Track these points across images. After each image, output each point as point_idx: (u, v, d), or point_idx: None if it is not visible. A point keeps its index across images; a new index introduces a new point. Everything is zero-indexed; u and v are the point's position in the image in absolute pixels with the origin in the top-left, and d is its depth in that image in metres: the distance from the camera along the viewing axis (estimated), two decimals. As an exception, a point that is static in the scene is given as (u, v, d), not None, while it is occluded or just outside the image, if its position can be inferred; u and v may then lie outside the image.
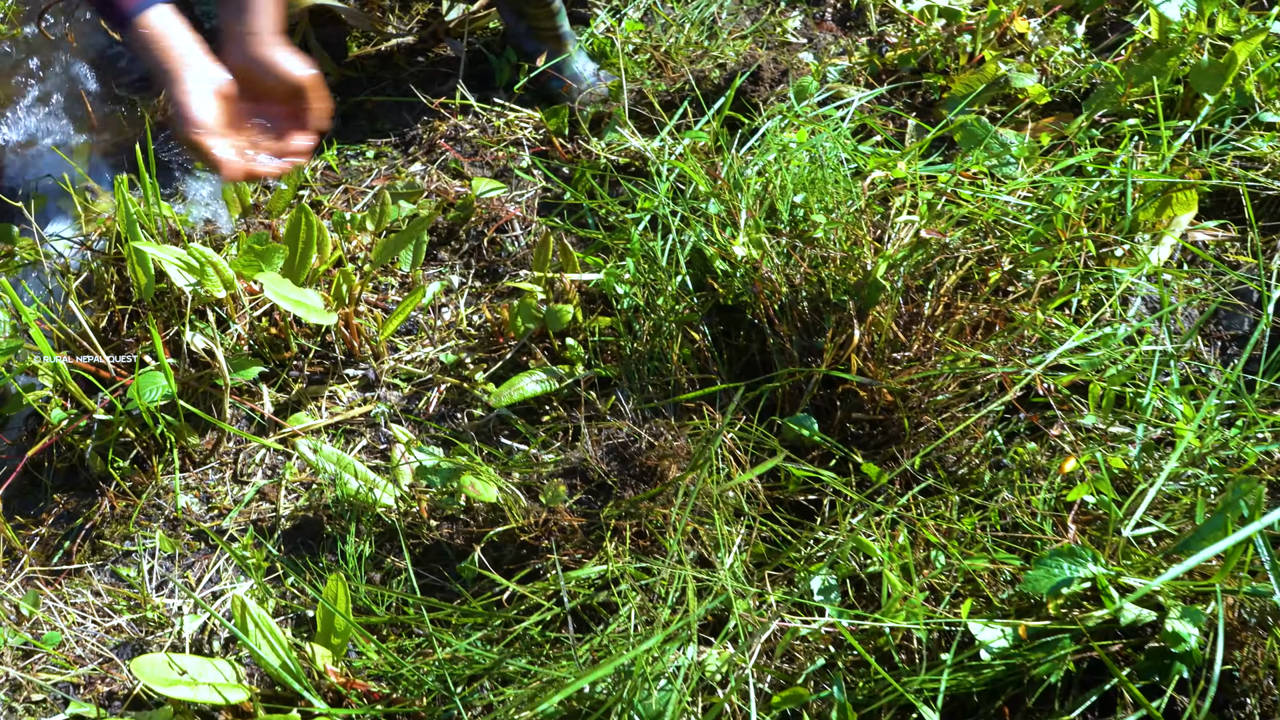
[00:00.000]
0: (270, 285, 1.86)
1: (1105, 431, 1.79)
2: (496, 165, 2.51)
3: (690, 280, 1.97)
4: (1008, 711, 1.52)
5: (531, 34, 2.66)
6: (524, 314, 2.03)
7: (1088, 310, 1.92)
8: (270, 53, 1.61)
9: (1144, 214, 1.94)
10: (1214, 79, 2.03)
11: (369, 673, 1.59)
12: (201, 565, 1.81)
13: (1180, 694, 1.51)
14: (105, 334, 2.05)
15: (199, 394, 1.98)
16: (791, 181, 2.02)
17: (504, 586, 1.64)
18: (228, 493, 1.91)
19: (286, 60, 1.61)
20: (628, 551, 1.62)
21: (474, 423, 1.98)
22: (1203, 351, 1.94)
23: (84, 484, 1.95)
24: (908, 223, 1.90)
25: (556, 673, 1.45)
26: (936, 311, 1.83)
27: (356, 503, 1.80)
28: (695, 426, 1.77)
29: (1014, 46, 2.57)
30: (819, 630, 1.59)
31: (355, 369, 2.08)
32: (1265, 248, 2.02)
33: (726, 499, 1.69)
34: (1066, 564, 1.50)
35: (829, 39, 2.82)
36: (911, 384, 1.79)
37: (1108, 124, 2.21)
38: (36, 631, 1.70)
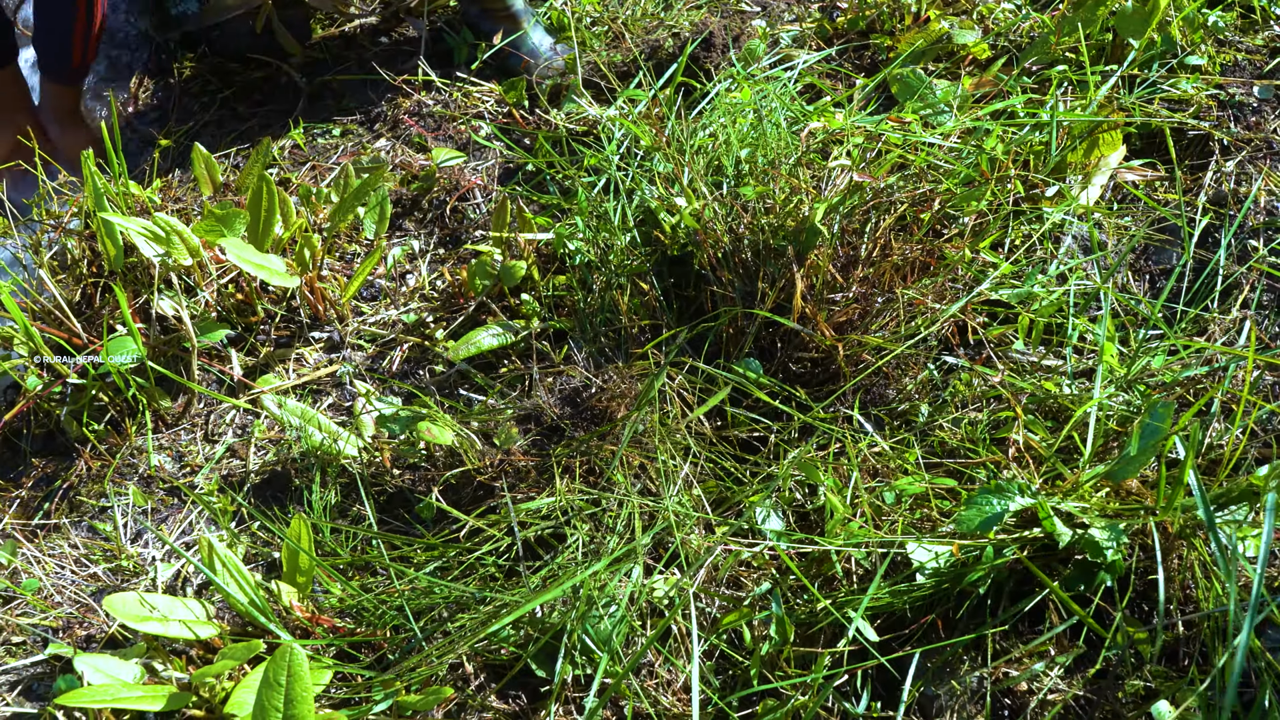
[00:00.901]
0: (233, 250, 1.93)
1: (1038, 363, 1.86)
2: (459, 138, 2.58)
3: (640, 235, 2.04)
4: (940, 624, 1.59)
5: (485, 15, 2.73)
6: (480, 272, 2.10)
7: (1021, 250, 2.00)
8: None
9: (1072, 155, 2.02)
10: (1139, 24, 2.11)
11: (334, 609, 1.66)
12: (175, 518, 1.89)
13: (1107, 603, 1.59)
14: (78, 306, 2.13)
15: (169, 357, 2.06)
16: (737, 138, 2.09)
17: (463, 523, 1.72)
18: (199, 451, 1.99)
19: None
20: (578, 487, 1.70)
21: (435, 378, 2.05)
22: (1133, 286, 2.01)
23: (61, 448, 2.02)
24: (843, 169, 1.97)
25: (509, 598, 1.53)
26: (873, 253, 1.91)
27: (321, 454, 1.87)
28: (643, 369, 1.84)
29: (958, 5, 2.64)
30: (763, 555, 1.67)
31: (320, 332, 2.15)
32: (1192, 185, 2.09)
33: (674, 437, 1.76)
34: (995, 499, 1.57)
35: (782, 6, 2.89)
36: (849, 324, 1.87)
37: (1041, 73, 2.28)
38: (15, 580, 1.78)
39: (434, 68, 2.73)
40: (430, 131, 2.60)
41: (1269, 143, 2.10)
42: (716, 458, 1.77)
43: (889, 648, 1.58)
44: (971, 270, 1.90)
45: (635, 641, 1.57)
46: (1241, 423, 1.73)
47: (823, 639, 1.60)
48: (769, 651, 1.55)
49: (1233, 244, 1.99)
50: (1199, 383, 1.78)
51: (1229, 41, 2.27)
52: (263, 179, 2.03)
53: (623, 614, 1.53)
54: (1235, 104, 2.16)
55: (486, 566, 1.65)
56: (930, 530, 1.65)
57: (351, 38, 2.94)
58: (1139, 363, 1.78)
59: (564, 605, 1.56)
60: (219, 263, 2.13)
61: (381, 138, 2.65)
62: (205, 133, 2.76)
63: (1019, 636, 1.59)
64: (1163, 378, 1.77)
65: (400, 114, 2.66)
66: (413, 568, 1.66)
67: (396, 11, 2.94)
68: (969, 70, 2.43)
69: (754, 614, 1.59)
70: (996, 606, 1.59)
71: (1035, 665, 1.55)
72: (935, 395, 1.86)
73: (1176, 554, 1.60)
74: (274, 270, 1.97)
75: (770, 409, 1.83)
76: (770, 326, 1.88)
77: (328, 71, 2.86)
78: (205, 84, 2.87)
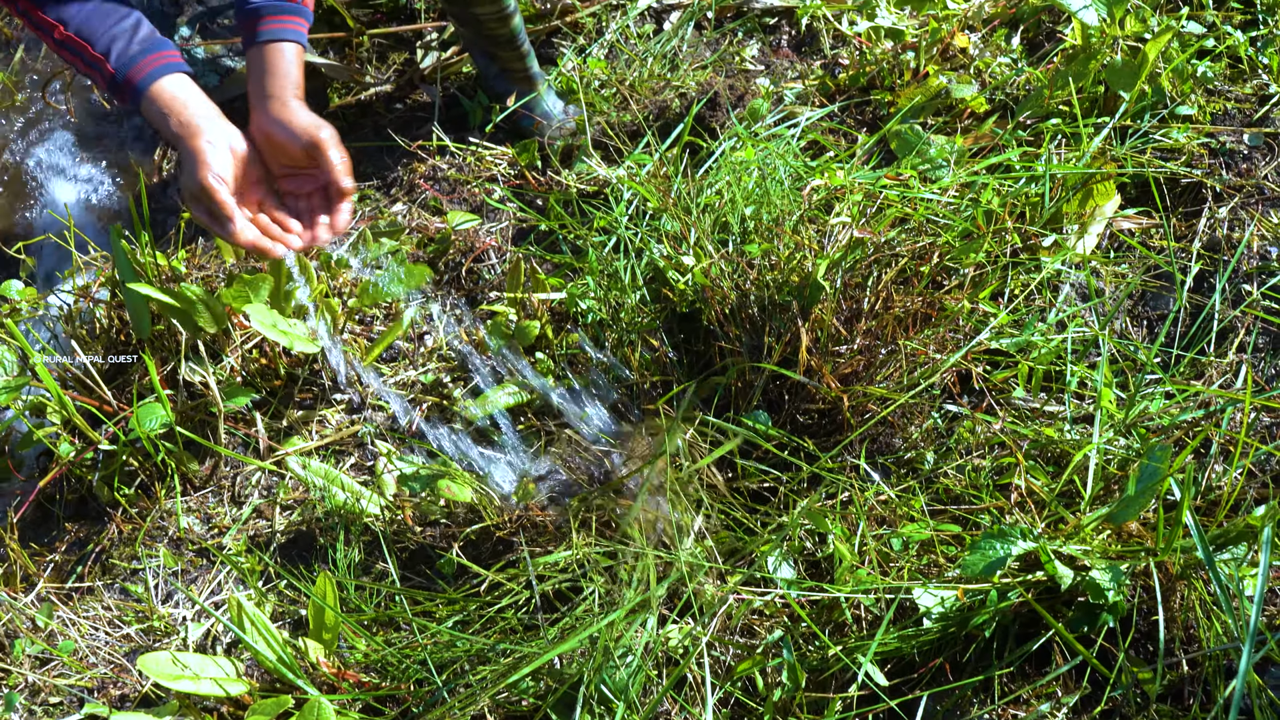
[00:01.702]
0: (256, 316, 2.00)
1: (1039, 409, 1.91)
2: (473, 200, 2.66)
3: (649, 293, 2.11)
4: (948, 667, 1.64)
5: (503, 76, 2.81)
6: (495, 332, 2.17)
7: (1020, 300, 2.05)
8: (287, 112, 1.74)
9: (1068, 206, 2.08)
10: (1128, 77, 2.17)
11: (359, 664, 1.72)
12: (204, 579, 1.95)
13: (1111, 644, 1.63)
14: (108, 374, 2.20)
15: (196, 422, 2.12)
16: (741, 196, 2.16)
17: (482, 578, 1.77)
18: (226, 513, 2.05)
19: (301, 115, 1.73)
20: (594, 540, 1.75)
21: (454, 436, 2.11)
22: (1131, 332, 2.06)
23: (93, 513, 2.09)
24: (843, 224, 2.03)
25: (528, 649, 1.58)
26: (876, 306, 1.96)
27: (345, 514, 1.94)
28: (654, 424, 1.90)
29: (956, 60, 2.71)
30: (775, 604, 1.71)
31: (342, 394, 2.22)
32: (1187, 231, 2.15)
33: (688, 491, 1.81)
34: (999, 544, 1.62)
35: (785, 64, 2.97)
36: (854, 376, 1.93)
37: (1036, 126, 2.35)
38: (52, 641, 1.84)
39: (448, 132, 2.82)
40: (445, 195, 2.67)
41: (1260, 189, 2.15)
42: (728, 509, 1.82)
43: (899, 691, 1.62)
44: (971, 320, 1.95)
45: (651, 690, 1.62)
46: (1239, 464, 1.78)
47: (834, 684, 1.64)
48: (782, 698, 1.60)
49: (1227, 288, 2.04)
50: (1196, 425, 1.82)
51: (1218, 91, 2.34)
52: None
53: (638, 664, 1.58)
54: (1226, 152, 2.22)
55: (506, 620, 1.70)
56: (937, 575, 1.69)
57: (368, 105, 3.02)
58: (1137, 407, 1.83)
59: (582, 656, 1.61)
60: (244, 329, 2.20)
61: (398, 202, 2.73)
62: (227, 201, 2.84)
63: (1025, 678, 1.63)
64: (1161, 421, 1.81)
65: (416, 178, 2.74)
66: (435, 622, 1.72)
67: (411, 79, 3.03)
68: (967, 123, 2.50)
69: (766, 661, 1.63)
70: (1003, 649, 1.63)
71: (1041, 706, 1.59)
72: (940, 443, 1.91)
73: (1178, 594, 1.64)
74: (297, 336, 2.03)
75: (779, 460, 1.88)
76: (777, 379, 1.94)
77: (345, 139, 2.92)
78: (227, 154, 2.96)
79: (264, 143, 1.77)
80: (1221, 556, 1.61)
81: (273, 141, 1.77)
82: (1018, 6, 2.76)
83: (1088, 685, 1.61)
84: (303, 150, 1.77)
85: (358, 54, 3.12)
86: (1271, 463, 1.82)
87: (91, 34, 1.75)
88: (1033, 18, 2.76)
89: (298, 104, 1.76)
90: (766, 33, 3.09)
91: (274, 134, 1.75)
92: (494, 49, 2.74)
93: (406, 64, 3.11)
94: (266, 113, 1.75)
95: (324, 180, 1.82)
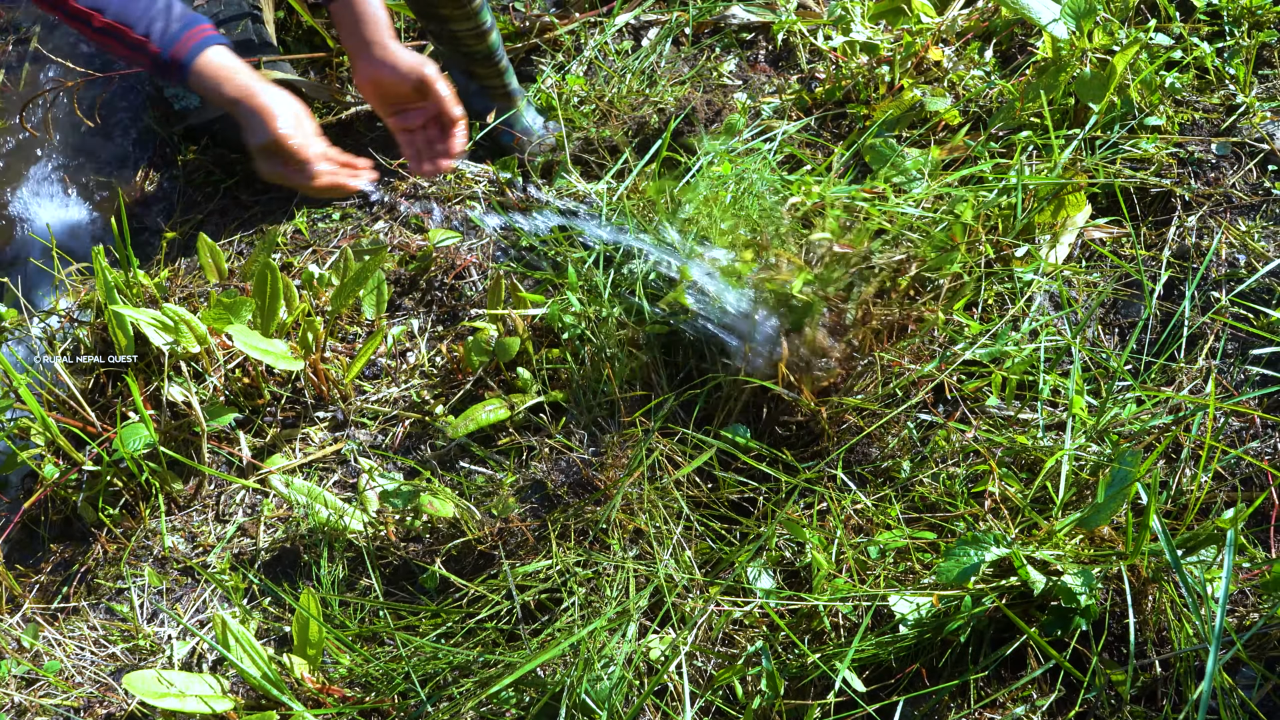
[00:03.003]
0: (239, 336, 2.02)
1: (1013, 417, 1.94)
2: (455, 218, 2.68)
3: (630, 308, 2.13)
4: (924, 672, 1.66)
5: (482, 92, 2.84)
6: (477, 349, 2.19)
7: (994, 310, 2.08)
8: (390, 54, 1.83)
9: (1039, 217, 2.11)
10: (1098, 89, 2.20)
11: (344, 679, 1.73)
12: (189, 597, 1.96)
13: (1085, 647, 1.66)
14: (91, 395, 2.21)
15: (180, 442, 2.14)
16: (719, 211, 2.18)
17: (464, 591, 1.79)
18: (211, 531, 2.06)
19: (405, 55, 1.83)
20: (574, 550, 1.77)
21: (436, 452, 2.14)
22: (1103, 339, 2.09)
23: (78, 533, 2.10)
24: (822, 240, 2.06)
25: (510, 658, 1.60)
26: (859, 318, 1.99)
27: (328, 530, 1.95)
28: (634, 437, 1.92)
29: (930, 74, 2.74)
30: (754, 614, 1.74)
31: (325, 411, 2.24)
32: (1157, 240, 2.18)
33: (669, 502, 1.84)
34: (973, 550, 1.64)
35: (763, 79, 3.00)
36: (833, 387, 1.95)
37: (1007, 138, 2.38)
38: (38, 662, 1.85)
39: (428, 151, 2.84)
40: (426, 212, 2.70)
41: (1228, 197, 2.19)
42: (708, 519, 1.84)
43: (876, 697, 1.64)
44: (946, 331, 1.98)
45: (633, 700, 1.64)
46: (1207, 468, 1.81)
47: (813, 691, 1.66)
48: (761, 705, 1.62)
49: (1196, 296, 2.07)
50: (1166, 431, 1.85)
51: (1186, 101, 2.37)
52: (266, 266, 2.12)
53: (620, 673, 1.60)
54: (1195, 161, 2.25)
55: (488, 631, 1.72)
56: (913, 582, 1.72)
57: (349, 124, 3.05)
58: (1109, 414, 1.85)
59: (564, 666, 1.63)
60: (226, 348, 2.22)
61: (379, 220, 2.75)
62: (210, 221, 2.87)
63: (1001, 682, 1.66)
64: (1132, 428, 1.84)
65: (397, 196, 2.76)
66: (418, 636, 1.73)
67: (391, 98, 3.05)
68: (941, 135, 2.53)
69: (746, 670, 1.65)
70: (978, 653, 1.66)
71: (1017, 709, 1.61)
72: (916, 452, 1.94)
73: (1149, 597, 1.66)
74: (279, 354, 2.05)
75: (759, 471, 1.91)
76: (758, 391, 1.96)
77: (326, 158, 2.96)
78: (208, 174, 2.98)
79: (373, 87, 1.87)
80: (1190, 560, 1.64)
81: (382, 84, 1.86)
82: (990, 20, 2.80)
83: (1062, 688, 1.63)
84: (412, 88, 1.87)
85: (338, 74, 3.14)
86: (1241, 466, 1.85)
87: (130, 18, 1.81)
88: (1005, 31, 2.80)
89: (396, 45, 1.86)
90: (744, 48, 3.12)
91: (383, 76, 1.84)
92: (472, 66, 2.76)
93: (387, 83, 3.13)
94: (371, 58, 1.84)
95: (433, 111, 1.92)
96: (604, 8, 3.14)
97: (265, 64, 2.89)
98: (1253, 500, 1.79)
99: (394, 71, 1.84)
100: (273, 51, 2.97)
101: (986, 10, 2.84)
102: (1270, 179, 2.20)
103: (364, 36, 1.85)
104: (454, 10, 2.53)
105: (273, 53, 2.96)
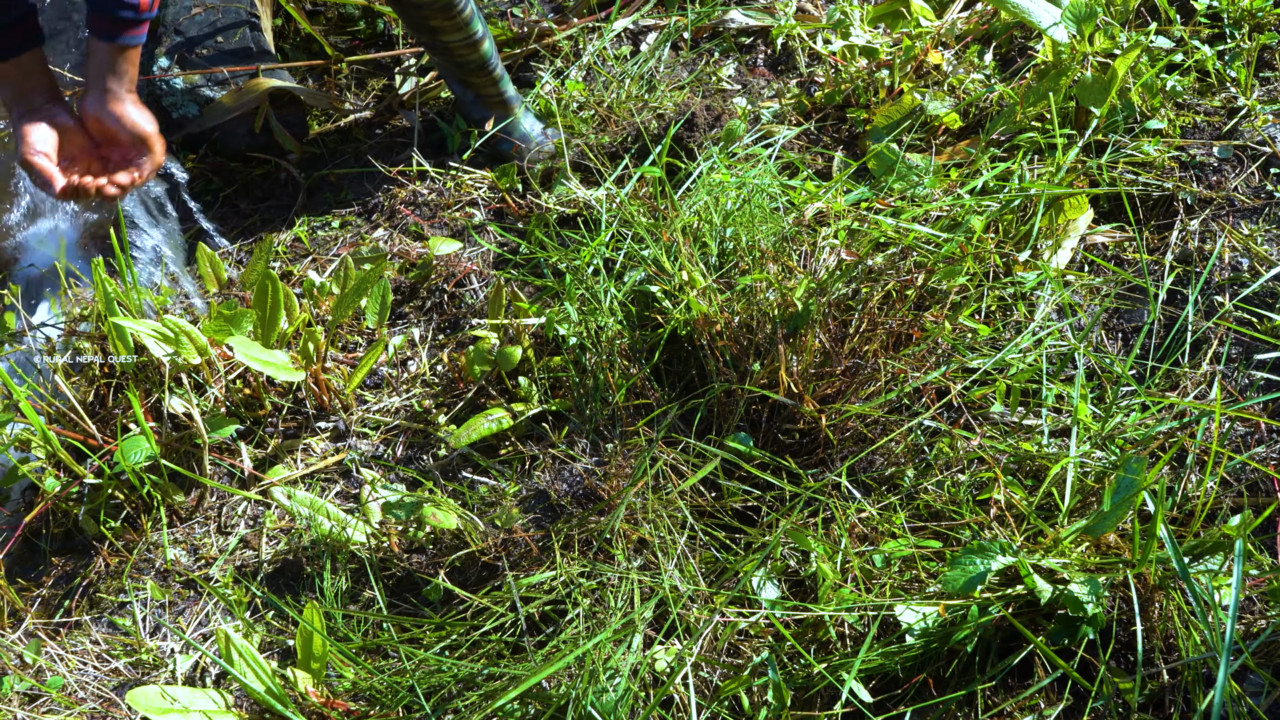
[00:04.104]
0: (240, 348, 2.01)
1: (1018, 424, 1.93)
2: (454, 225, 2.67)
3: (632, 316, 2.12)
4: (931, 682, 1.65)
5: (478, 101, 2.83)
6: (478, 358, 2.18)
7: (997, 315, 2.08)
8: (123, 108, 1.88)
9: (1042, 221, 2.10)
10: (1099, 93, 2.20)
11: (348, 693, 1.73)
12: (191, 611, 1.95)
13: (1092, 655, 1.65)
14: (92, 407, 2.21)
15: (181, 454, 2.13)
16: (720, 217, 2.18)
17: (469, 603, 1.78)
18: (213, 543, 2.06)
19: (135, 115, 1.89)
20: (578, 561, 1.76)
21: (438, 462, 2.13)
22: (1106, 345, 2.08)
23: (80, 546, 2.09)
24: (831, 248, 2.05)
25: (515, 671, 1.59)
26: (863, 328, 1.98)
27: (331, 542, 1.95)
28: (637, 446, 1.92)
29: (930, 77, 2.74)
30: (760, 624, 1.73)
31: (326, 422, 2.23)
32: (1159, 244, 2.17)
33: (673, 512, 1.83)
34: (979, 559, 1.64)
35: (762, 84, 2.99)
36: (837, 395, 1.95)
37: (1009, 141, 2.37)
38: (40, 678, 1.84)
39: (428, 157, 2.83)
40: (426, 220, 2.69)
41: (1230, 200, 2.18)
42: (712, 529, 1.84)
43: (883, 707, 1.64)
44: (949, 339, 1.97)
45: (639, 712, 1.63)
46: (1213, 474, 1.80)
47: (819, 702, 1.66)
48: (767, 716, 1.61)
49: (1200, 300, 2.06)
50: (1171, 437, 1.85)
51: (1188, 104, 2.37)
52: (267, 276, 2.11)
53: (626, 685, 1.59)
54: (1197, 164, 2.25)
55: (492, 643, 1.71)
56: (919, 590, 1.71)
57: (347, 132, 3.04)
58: (1113, 419, 1.85)
59: (569, 678, 1.62)
60: (226, 359, 2.21)
61: (379, 228, 2.74)
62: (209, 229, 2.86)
63: (1008, 691, 1.65)
64: (1136, 434, 1.84)
65: (397, 204, 2.76)
66: (422, 648, 1.73)
67: (390, 105, 3.05)
68: (942, 139, 2.52)
69: (752, 680, 1.65)
70: (985, 662, 1.65)
71: (1025, 719, 1.61)
72: (920, 459, 1.93)
73: (1156, 604, 1.66)
74: (280, 365, 2.05)
75: (762, 479, 1.90)
76: (759, 400, 1.96)
77: (325, 166, 2.96)
78: (208, 182, 2.97)
79: (92, 123, 1.91)
80: (1197, 567, 1.64)
81: (101, 127, 1.91)
82: (989, 23, 2.79)
83: (1070, 697, 1.63)
84: (129, 139, 1.92)
85: (336, 81, 3.14)
86: (1247, 472, 1.84)
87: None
88: (1004, 34, 2.79)
89: (131, 100, 1.90)
90: (742, 52, 3.11)
91: (105, 123, 1.89)
92: (466, 75, 2.75)
93: (385, 90, 3.13)
94: (103, 103, 1.88)
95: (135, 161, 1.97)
96: (602, 13, 3.13)
97: (264, 71, 2.89)
98: (1258, 505, 1.79)
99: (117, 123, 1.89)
100: (271, 59, 2.96)
101: (985, 13, 2.83)
102: (1272, 182, 2.20)
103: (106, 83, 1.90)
104: (444, 22, 2.52)
105: (271, 60, 2.96)
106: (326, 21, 3.29)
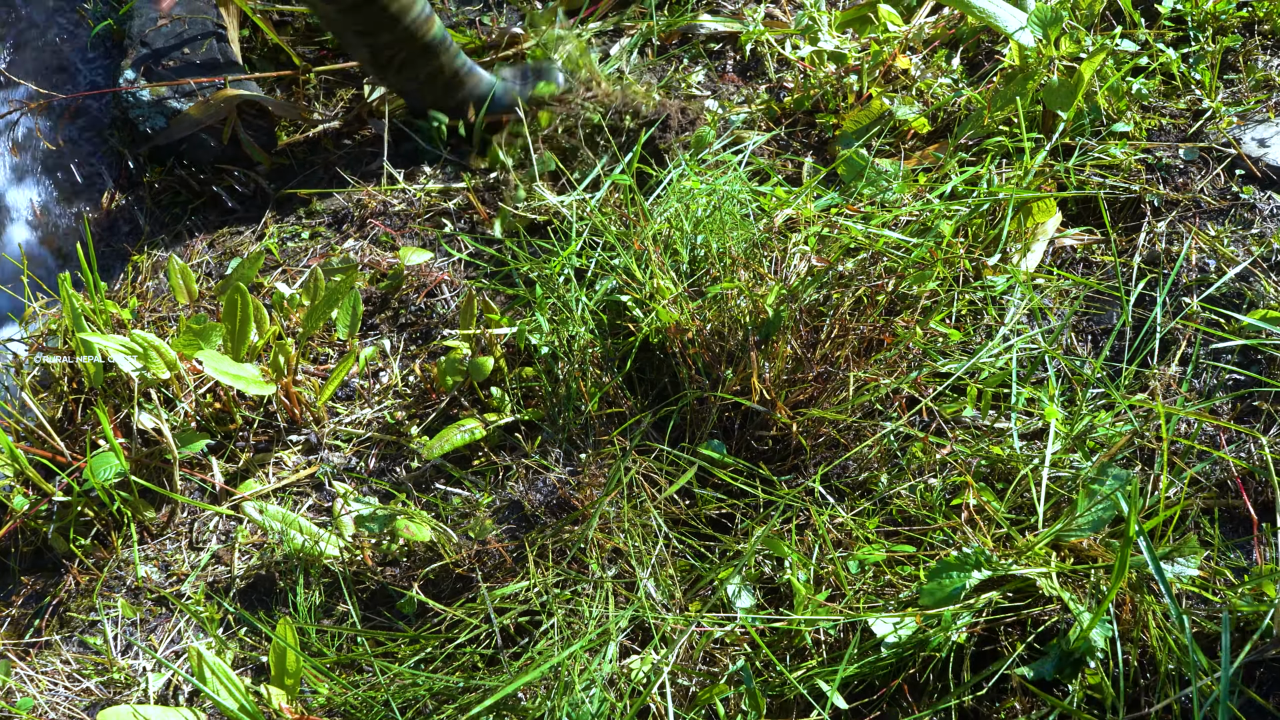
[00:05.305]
0: (209, 362, 2.00)
1: (989, 427, 1.94)
2: (425, 234, 2.66)
3: (604, 324, 2.12)
4: (907, 689, 1.65)
5: (450, 88, 2.82)
6: (450, 369, 2.17)
7: (967, 319, 2.08)
8: None
9: (1011, 225, 2.11)
10: (1065, 96, 2.21)
11: (322, 708, 1.72)
12: (163, 628, 1.94)
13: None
14: (61, 424, 2.19)
15: (151, 470, 2.12)
16: (691, 225, 2.18)
17: (443, 616, 1.78)
18: (185, 560, 2.04)
19: None
20: (553, 571, 1.76)
21: (411, 474, 2.12)
22: (1076, 347, 2.09)
23: (49, 565, 2.07)
24: (802, 254, 2.06)
25: (490, 683, 1.59)
26: (834, 334, 1.99)
27: (304, 556, 1.93)
28: (610, 455, 1.91)
29: (898, 82, 2.75)
30: (735, 633, 1.73)
31: (298, 435, 2.22)
32: (1127, 246, 2.19)
33: (647, 520, 1.83)
34: (956, 573, 1.64)
35: (731, 89, 3.00)
36: (809, 401, 1.95)
37: (978, 145, 2.38)
38: (10, 699, 1.82)
39: (398, 166, 2.82)
40: (396, 230, 2.68)
41: (1197, 202, 2.20)
42: (686, 537, 1.83)
43: (859, 714, 1.64)
44: (920, 344, 1.98)
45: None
46: (1180, 475, 1.81)
47: (796, 710, 1.66)
48: (744, 725, 1.61)
49: (1168, 301, 2.08)
50: (1141, 436, 1.86)
51: (1153, 107, 2.38)
52: (236, 289, 2.10)
53: (601, 695, 1.59)
54: (1163, 166, 2.26)
55: (467, 656, 1.70)
56: (893, 595, 1.71)
57: (316, 142, 3.03)
58: (1083, 421, 1.86)
59: (544, 689, 1.62)
60: (196, 373, 2.19)
61: (349, 238, 2.73)
62: (178, 242, 2.84)
63: (985, 697, 1.65)
64: (1106, 435, 1.85)
65: (367, 214, 2.74)
66: (396, 662, 1.72)
67: (359, 115, 3.04)
68: (911, 143, 2.53)
69: (728, 689, 1.64)
70: (960, 666, 1.65)
71: (1000, 723, 1.61)
72: (893, 464, 1.94)
73: (1129, 607, 1.66)
74: (250, 379, 2.03)
75: (737, 486, 1.90)
76: (732, 407, 1.96)
77: (294, 176, 2.94)
78: (175, 195, 2.95)
79: None
80: (1169, 569, 1.64)
81: None
82: (957, 28, 2.80)
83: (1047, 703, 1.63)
84: None
85: (305, 91, 3.12)
86: (1217, 471, 1.86)
87: None
88: (972, 38, 2.81)
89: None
90: (712, 58, 3.11)
91: None
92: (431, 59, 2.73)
93: (354, 100, 3.11)
94: None
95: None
96: (570, 21, 3.13)
97: (231, 82, 2.87)
98: (1228, 505, 1.80)
99: None
100: (238, 70, 2.95)
101: (953, 18, 2.85)
102: (1237, 183, 2.22)
103: None
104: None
105: (238, 71, 2.94)
106: (294, 32, 3.27)
